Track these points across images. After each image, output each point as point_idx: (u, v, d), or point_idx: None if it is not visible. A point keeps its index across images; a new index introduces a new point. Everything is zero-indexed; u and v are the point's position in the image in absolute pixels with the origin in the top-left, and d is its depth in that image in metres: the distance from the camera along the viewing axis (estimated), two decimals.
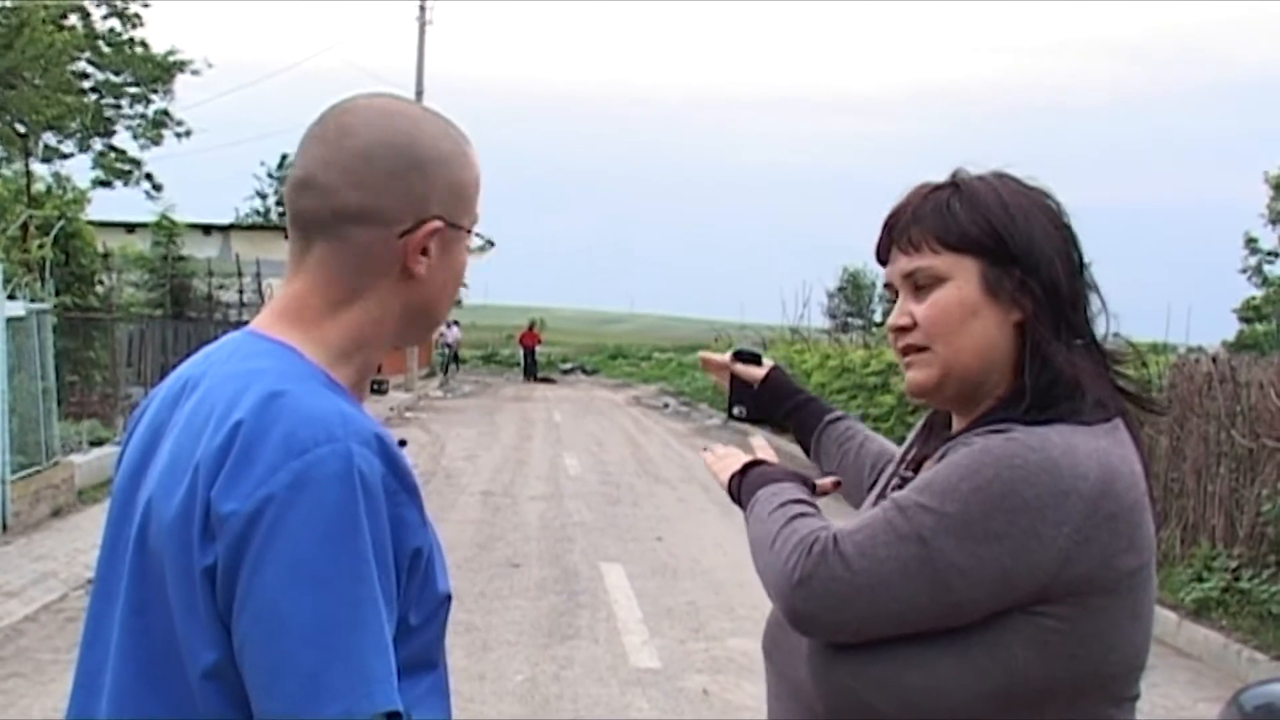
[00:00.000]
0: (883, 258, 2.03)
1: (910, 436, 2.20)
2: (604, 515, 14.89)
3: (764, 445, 2.28)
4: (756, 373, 2.60)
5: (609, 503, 16.01)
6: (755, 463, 2.17)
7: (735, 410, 2.62)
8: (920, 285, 1.95)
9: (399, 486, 1.58)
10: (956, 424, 2.00)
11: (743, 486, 2.13)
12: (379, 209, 1.68)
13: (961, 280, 1.91)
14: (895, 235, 1.99)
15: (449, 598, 1.70)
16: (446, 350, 49.11)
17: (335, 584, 1.48)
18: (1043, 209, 1.95)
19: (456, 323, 50.10)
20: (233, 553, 1.50)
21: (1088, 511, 1.75)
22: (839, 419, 2.58)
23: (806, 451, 2.61)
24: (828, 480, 2.28)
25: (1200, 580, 10.08)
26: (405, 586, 1.58)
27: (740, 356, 2.63)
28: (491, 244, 1.84)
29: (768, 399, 2.60)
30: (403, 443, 1.91)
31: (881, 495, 2.09)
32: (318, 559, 1.48)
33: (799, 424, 2.59)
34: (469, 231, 1.77)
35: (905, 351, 1.98)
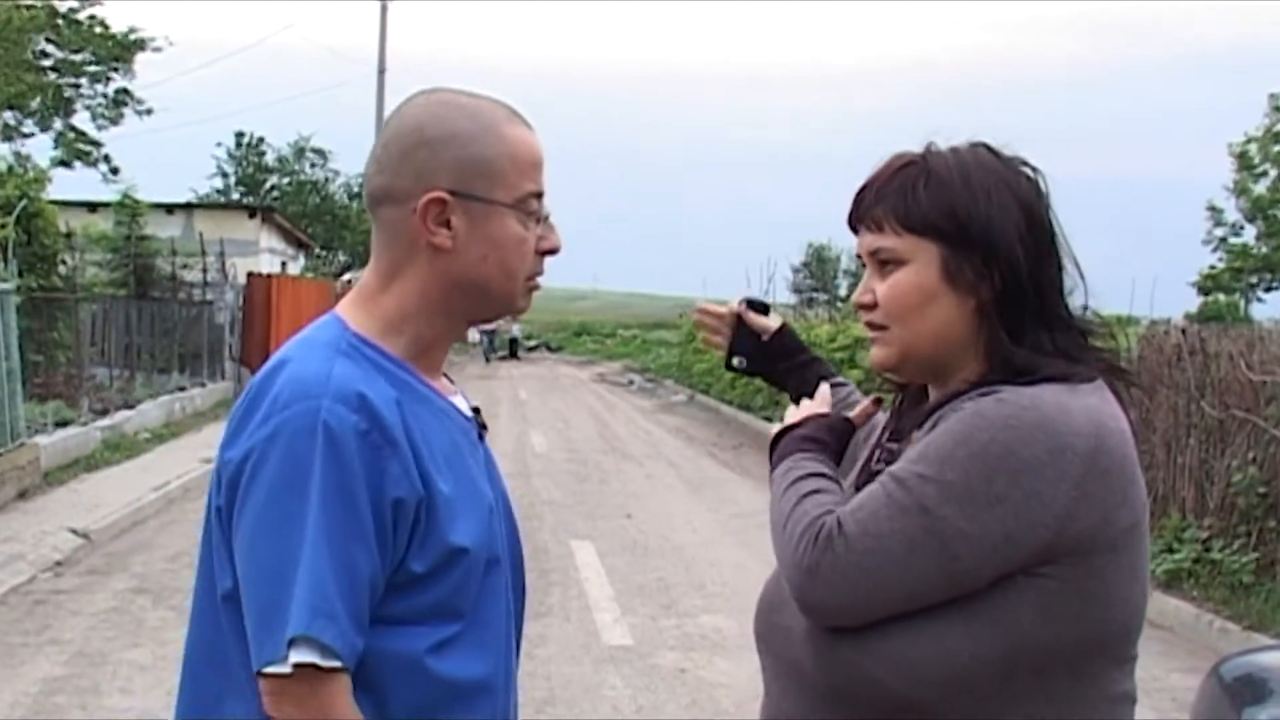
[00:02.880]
0: (855, 227, 2.02)
1: (889, 410, 2.16)
2: (572, 493, 14.89)
3: (824, 393, 2.22)
4: (770, 324, 2.55)
5: (577, 480, 16.02)
6: (784, 431, 2.11)
7: (735, 361, 2.57)
8: (883, 264, 1.94)
9: (382, 440, 1.76)
10: (933, 394, 1.98)
11: (772, 459, 2.08)
12: (393, 188, 1.88)
13: (921, 264, 1.90)
14: (861, 212, 1.98)
15: (463, 550, 1.82)
16: (487, 338, 49.60)
17: (291, 526, 1.71)
18: (1009, 187, 1.91)
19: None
20: (229, 495, 1.78)
21: (1085, 468, 1.76)
22: (839, 384, 2.50)
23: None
24: (867, 402, 2.24)
25: (1171, 551, 10.13)
26: (394, 533, 1.76)
27: (752, 306, 2.57)
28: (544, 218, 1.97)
29: (776, 353, 2.54)
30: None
31: (865, 467, 2.05)
32: (279, 504, 1.72)
33: (800, 382, 2.48)
34: (509, 206, 1.88)
35: (869, 326, 1.98)
